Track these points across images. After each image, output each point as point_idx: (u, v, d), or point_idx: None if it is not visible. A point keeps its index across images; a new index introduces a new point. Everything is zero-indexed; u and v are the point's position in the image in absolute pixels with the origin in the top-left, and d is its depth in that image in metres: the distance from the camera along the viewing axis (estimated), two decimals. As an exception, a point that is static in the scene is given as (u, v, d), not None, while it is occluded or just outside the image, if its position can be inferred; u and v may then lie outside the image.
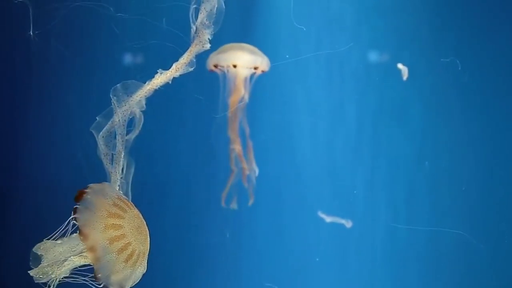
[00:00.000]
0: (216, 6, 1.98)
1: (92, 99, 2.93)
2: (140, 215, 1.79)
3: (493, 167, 3.14)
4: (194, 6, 1.89)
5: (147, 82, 1.89)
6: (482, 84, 3.15)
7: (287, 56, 3.32)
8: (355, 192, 3.27)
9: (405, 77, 3.12)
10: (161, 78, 1.91)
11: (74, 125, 2.92)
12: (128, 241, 1.69)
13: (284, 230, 3.36)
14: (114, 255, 1.65)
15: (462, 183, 3.15)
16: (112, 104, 1.85)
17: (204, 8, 1.95)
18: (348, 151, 3.33)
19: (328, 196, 3.30)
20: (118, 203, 1.72)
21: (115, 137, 1.87)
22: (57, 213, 2.78)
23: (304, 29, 3.06)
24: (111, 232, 1.66)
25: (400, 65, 3.13)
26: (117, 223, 1.68)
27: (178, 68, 1.94)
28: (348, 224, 3.22)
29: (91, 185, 1.72)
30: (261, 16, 3.36)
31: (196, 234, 3.20)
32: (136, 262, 1.72)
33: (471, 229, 3.02)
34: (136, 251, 1.71)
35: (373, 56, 3.30)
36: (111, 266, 1.65)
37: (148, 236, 1.78)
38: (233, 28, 3.30)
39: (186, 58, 1.95)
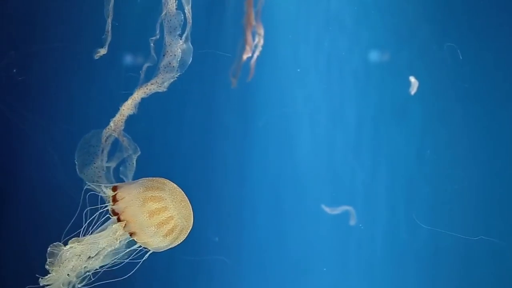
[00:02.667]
0: (183, 52, 1.96)
1: (93, 100, 2.94)
2: (181, 190, 1.76)
3: (493, 167, 3.14)
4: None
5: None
6: (482, 84, 3.15)
7: (298, 70, 3.33)
8: (360, 226, 3.27)
9: (413, 91, 3.13)
10: (126, 107, 1.91)
11: (75, 125, 2.92)
12: (170, 215, 1.66)
13: (283, 231, 3.36)
14: (153, 229, 1.62)
15: (462, 183, 3.15)
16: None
17: (170, 52, 1.93)
18: (348, 151, 3.34)
19: (328, 196, 3.30)
20: (153, 183, 1.69)
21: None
22: (57, 213, 2.80)
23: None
24: (150, 205, 1.63)
25: (412, 78, 3.13)
26: (157, 195, 1.66)
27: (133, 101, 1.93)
28: (352, 221, 3.22)
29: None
30: (260, 18, 3.37)
31: (196, 234, 3.19)
32: (177, 238, 1.68)
33: (470, 229, 3.02)
34: (178, 227, 1.68)
35: (373, 56, 3.31)
36: (148, 237, 1.62)
37: (192, 212, 1.74)
38: (233, 31, 3.31)
39: (138, 95, 1.95)
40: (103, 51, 2.06)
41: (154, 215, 1.62)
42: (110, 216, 1.66)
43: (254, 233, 3.34)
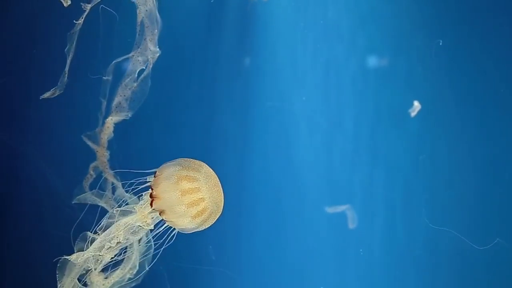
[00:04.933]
0: (135, 90, 2.00)
1: (94, 102, 2.96)
2: (216, 176, 1.76)
3: (490, 171, 3.15)
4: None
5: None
6: (479, 89, 3.18)
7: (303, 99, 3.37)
8: (360, 251, 3.28)
9: (413, 114, 3.16)
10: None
11: (76, 127, 2.94)
12: (201, 197, 1.65)
13: (282, 234, 3.37)
14: (183, 208, 1.61)
15: (460, 186, 3.16)
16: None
17: (124, 95, 1.97)
18: (346, 156, 3.35)
19: (326, 200, 3.32)
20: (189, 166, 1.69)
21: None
22: (59, 214, 2.81)
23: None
24: (184, 184, 1.62)
25: (416, 102, 3.16)
26: (192, 175, 1.65)
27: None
28: (352, 224, 3.23)
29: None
30: (259, 24, 3.41)
31: (196, 235, 3.20)
32: (206, 221, 1.67)
33: (468, 231, 3.03)
34: (208, 211, 1.67)
35: (370, 62, 3.34)
36: (177, 217, 1.61)
37: (223, 200, 1.74)
38: (232, 37, 3.35)
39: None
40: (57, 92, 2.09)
41: (187, 194, 1.62)
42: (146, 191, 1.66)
43: (253, 237, 3.35)
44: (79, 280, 1.78)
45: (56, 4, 2.14)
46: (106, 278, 1.82)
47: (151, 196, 1.64)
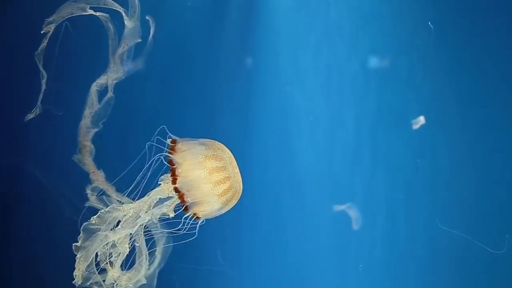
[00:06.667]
0: (98, 111, 2.03)
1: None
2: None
3: (490, 171, 3.16)
4: None
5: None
6: (481, 89, 3.18)
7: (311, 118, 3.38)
8: (360, 267, 3.28)
9: (415, 127, 3.17)
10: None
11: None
12: (227, 175, 1.63)
13: (283, 234, 3.37)
14: (210, 186, 1.59)
15: (461, 186, 3.17)
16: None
17: (90, 112, 1.99)
18: (347, 156, 3.36)
19: (327, 200, 3.32)
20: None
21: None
22: (60, 215, 2.81)
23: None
24: (211, 163, 1.60)
25: (421, 117, 3.17)
26: (219, 154, 1.64)
27: None
28: (356, 225, 3.24)
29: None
30: (261, 25, 3.41)
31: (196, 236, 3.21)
32: (230, 201, 1.66)
33: (469, 231, 3.03)
34: (232, 190, 1.66)
35: (371, 62, 3.34)
36: (203, 195, 1.59)
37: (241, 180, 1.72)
38: (234, 37, 3.36)
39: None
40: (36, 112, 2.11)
41: (214, 173, 1.61)
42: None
43: (254, 238, 3.36)
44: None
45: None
46: (122, 275, 1.82)
47: (173, 174, 1.61)
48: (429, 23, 3.05)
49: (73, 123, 2.99)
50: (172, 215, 1.69)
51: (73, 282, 1.73)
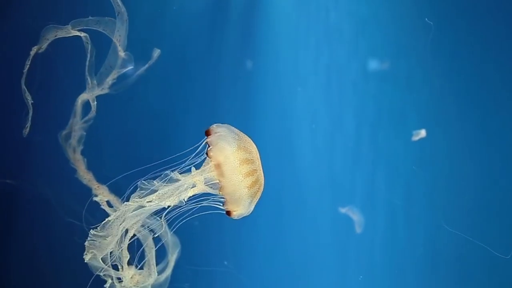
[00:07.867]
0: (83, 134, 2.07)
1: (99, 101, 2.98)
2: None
3: (490, 173, 3.16)
4: None
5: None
6: (480, 92, 3.19)
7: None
8: (360, 278, 3.29)
9: (415, 138, 3.18)
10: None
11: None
12: (255, 168, 1.66)
13: (283, 236, 3.38)
14: (240, 177, 1.62)
15: (461, 189, 3.17)
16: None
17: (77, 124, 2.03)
18: (347, 158, 3.37)
19: (327, 201, 3.33)
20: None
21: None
22: (60, 215, 2.83)
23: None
24: (242, 154, 1.63)
25: (423, 131, 3.18)
26: (248, 147, 1.67)
27: None
28: (358, 229, 3.24)
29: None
30: (261, 28, 3.43)
31: (196, 236, 3.22)
32: (255, 194, 1.69)
33: (468, 233, 3.04)
34: (259, 182, 1.69)
35: (371, 65, 3.36)
36: (235, 187, 1.61)
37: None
38: (234, 40, 3.37)
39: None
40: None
41: (244, 164, 1.63)
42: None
43: (255, 240, 3.36)
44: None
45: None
46: (136, 275, 1.84)
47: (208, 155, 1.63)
48: (427, 19, 3.05)
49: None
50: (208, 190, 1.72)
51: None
